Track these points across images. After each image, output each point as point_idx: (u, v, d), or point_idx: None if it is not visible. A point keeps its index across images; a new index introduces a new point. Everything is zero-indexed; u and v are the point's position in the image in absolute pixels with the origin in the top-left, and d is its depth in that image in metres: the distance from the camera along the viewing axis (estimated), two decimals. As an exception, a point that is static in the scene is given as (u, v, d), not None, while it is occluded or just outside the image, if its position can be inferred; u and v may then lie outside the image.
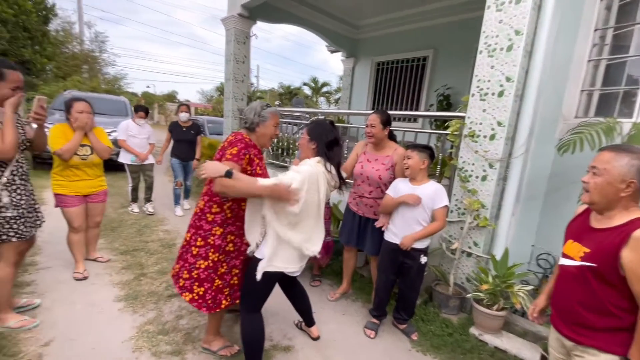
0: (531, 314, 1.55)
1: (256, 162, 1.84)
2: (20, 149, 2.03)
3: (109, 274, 2.92)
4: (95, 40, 21.59)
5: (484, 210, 2.52)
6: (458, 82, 5.79)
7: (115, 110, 7.97)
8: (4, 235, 1.97)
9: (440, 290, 2.62)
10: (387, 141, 2.56)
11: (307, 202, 1.66)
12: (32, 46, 13.45)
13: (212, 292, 1.84)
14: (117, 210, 4.73)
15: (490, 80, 2.45)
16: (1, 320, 2.07)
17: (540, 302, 1.54)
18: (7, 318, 2.08)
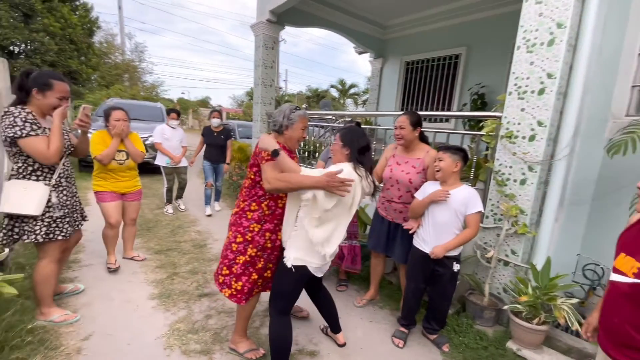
0: (585, 333, 1.41)
1: None
2: (65, 154, 2.18)
3: (144, 272, 3.06)
4: (135, 51, 22.99)
5: (523, 216, 2.35)
6: (493, 80, 5.52)
7: (152, 116, 8.41)
8: (52, 234, 2.10)
9: (474, 300, 2.48)
10: (418, 143, 2.46)
11: (340, 202, 1.69)
12: (78, 57, 14.54)
13: (249, 284, 1.93)
14: (153, 211, 4.96)
15: (529, 78, 2.29)
16: (45, 314, 2.21)
17: (593, 320, 1.39)
18: (50, 312, 2.22)
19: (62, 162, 2.15)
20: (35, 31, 12.52)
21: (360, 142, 1.80)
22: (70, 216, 2.25)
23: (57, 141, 1.99)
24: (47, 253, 2.16)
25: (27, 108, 1.99)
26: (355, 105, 27.81)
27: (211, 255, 3.53)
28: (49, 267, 2.18)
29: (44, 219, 2.06)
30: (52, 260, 2.18)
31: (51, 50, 12.99)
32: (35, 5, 12.23)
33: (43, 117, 2.08)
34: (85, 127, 2.22)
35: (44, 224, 2.06)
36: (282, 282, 1.83)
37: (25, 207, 1.98)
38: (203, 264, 3.31)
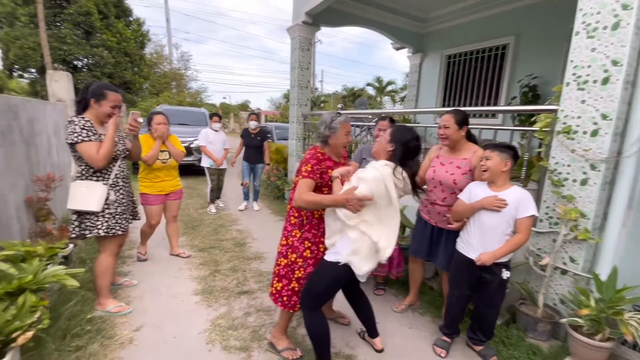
0: None
1: (329, 173, 1.94)
2: (120, 157, 2.39)
3: (189, 268, 3.22)
4: (181, 59, 24.47)
5: (583, 220, 2.12)
6: (547, 71, 5.07)
7: (197, 120, 8.89)
8: (112, 229, 2.32)
9: (526, 311, 2.28)
10: (465, 143, 2.29)
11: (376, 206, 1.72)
12: (132, 68, 15.82)
13: (287, 290, 1.98)
14: (198, 211, 5.23)
15: (590, 66, 2.05)
16: (102, 304, 2.41)
17: None
18: (107, 303, 2.42)
19: (117, 165, 2.36)
20: (95, 46, 13.84)
21: (409, 143, 1.79)
22: (127, 213, 2.46)
23: (106, 147, 2.18)
24: (107, 247, 2.38)
25: (86, 116, 2.22)
26: (392, 102, 27.15)
27: (250, 254, 3.63)
28: (107, 260, 2.39)
29: (104, 215, 2.27)
30: (110, 253, 2.41)
31: (109, 63, 14.27)
32: (95, 22, 13.51)
33: (101, 124, 2.30)
34: (135, 131, 2.40)
35: (104, 220, 2.28)
36: (319, 282, 1.84)
37: (88, 204, 2.20)
38: (243, 262, 3.41)
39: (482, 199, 1.97)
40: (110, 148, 2.20)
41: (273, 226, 4.70)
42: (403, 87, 26.03)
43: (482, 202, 1.96)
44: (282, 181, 6.11)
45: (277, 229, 4.52)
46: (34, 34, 12.56)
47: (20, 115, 3.02)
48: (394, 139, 1.80)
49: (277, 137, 9.72)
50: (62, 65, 13.01)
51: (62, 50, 13.06)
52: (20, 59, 13.02)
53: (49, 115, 3.95)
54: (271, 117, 29.17)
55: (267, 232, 4.38)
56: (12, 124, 2.84)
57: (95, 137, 2.18)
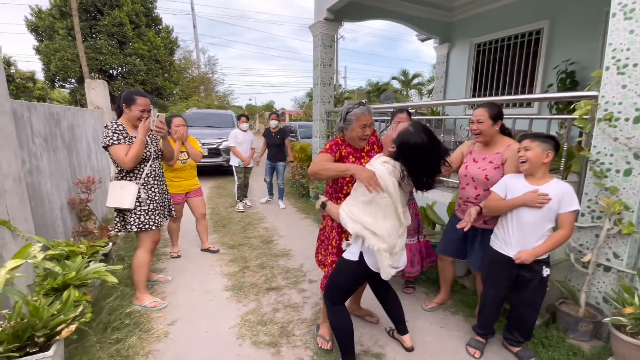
0: None
1: (351, 160, 1.95)
2: (151, 158, 2.54)
3: (220, 265, 3.34)
4: (208, 64, 25.28)
5: (627, 214, 1.96)
6: (585, 55, 4.73)
7: (224, 122, 9.17)
8: (146, 224, 2.47)
9: (566, 310, 2.15)
10: (499, 137, 2.17)
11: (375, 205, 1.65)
12: (162, 75, 16.51)
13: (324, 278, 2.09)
14: (227, 209, 5.40)
15: (630, 49, 1.88)
16: (139, 299, 2.57)
17: None
18: (144, 298, 2.57)
19: (149, 165, 2.51)
20: (128, 55, 14.59)
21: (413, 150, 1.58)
22: (161, 210, 2.61)
23: (135, 150, 2.33)
24: (142, 242, 2.54)
25: (120, 121, 2.39)
26: (419, 96, 26.43)
27: (277, 251, 3.70)
28: (143, 256, 2.55)
29: (136, 211, 2.44)
30: (145, 249, 2.56)
31: (141, 71, 14.99)
32: (128, 32, 14.24)
33: (134, 128, 2.45)
34: (161, 133, 2.54)
35: (136, 216, 2.44)
36: (340, 276, 1.85)
37: (122, 202, 2.38)
38: (270, 259, 3.48)
39: (523, 195, 1.84)
40: (138, 150, 2.34)
41: (298, 224, 4.75)
42: (430, 80, 25.25)
43: (524, 198, 1.83)
44: (307, 179, 6.16)
45: (302, 227, 4.58)
46: (72, 45, 13.42)
47: (61, 122, 3.26)
48: (397, 140, 1.63)
49: (301, 136, 9.81)
50: (99, 75, 13.86)
51: (98, 61, 13.90)
52: (61, 70, 13.99)
53: (88, 122, 4.23)
54: (295, 116, 29.43)
55: (293, 230, 4.44)
56: (55, 131, 3.08)
57: (126, 140, 2.34)
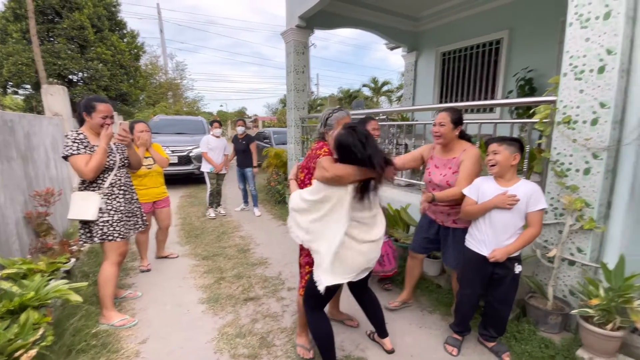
0: None
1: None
2: (117, 167, 2.42)
3: (193, 277, 3.20)
4: (177, 69, 24.56)
5: (588, 210, 2.10)
6: (542, 63, 5.08)
7: (195, 129, 8.91)
8: (110, 235, 2.35)
9: (536, 304, 2.26)
10: (457, 142, 2.26)
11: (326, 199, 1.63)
12: (127, 80, 15.81)
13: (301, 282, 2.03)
14: (200, 219, 5.20)
15: (586, 55, 2.05)
16: (106, 317, 2.39)
17: None
18: (111, 316, 2.40)
19: (112, 174, 2.39)
20: (90, 60, 13.84)
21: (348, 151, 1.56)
22: (127, 220, 2.47)
23: (96, 160, 2.22)
24: (107, 255, 2.41)
25: (82, 130, 2.28)
26: (389, 102, 27.20)
27: (254, 260, 3.60)
28: (109, 269, 2.41)
29: (98, 223, 2.31)
30: (112, 262, 2.42)
31: (104, 76, 14.26)
32: (89, 36, 13.52)
33: (97, 136, 2.32)
34: (125, 141, 2.46)
35: (99, 228, 2.32)
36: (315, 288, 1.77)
37: (85, 213, 2.26)
38: (247, 269, 3.38)
39: (493, 198, 1.93)
40: (100, 160, 2.23)
41: (275, 231, 4.67)
42: (399, 87, 26.08)
43: (494, 201, 1.92)
44: (283, 185, 6.10)
45: (279, 234, 4.51)
46: (28, 49, 12.56)
47: (16, 130, 3.01)
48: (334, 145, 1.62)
49: (275, 142, 9.73)
50: (58, 80, 13.03)
51: (56, 65, 13.07)
52: (14, 75, 12.99)
53: (46, 130, 3.94)
54: (268, 123, 29.22)
55: (270, 238, 4.36)
56: (9, 140, 2.84)
57: (87, 150, 2.23)
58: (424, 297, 2.84)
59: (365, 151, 1.54)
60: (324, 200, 1.61)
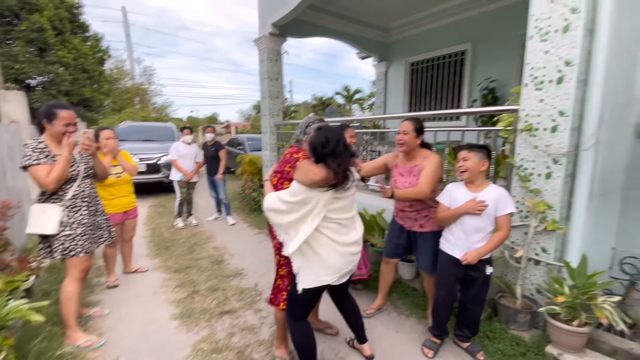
0: None
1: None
2: (81, 177, 2.28)
3: (164, 292, 3.04)
4: (144, 74, 23.70)
5: (551, 212, 2.24)
6: (503, 74, 5.40)
7: (165, 135, 8.59)
8: (72, 250, 2.20)
9: (506, 303, 2.36)
10: (419, 150, 2.36)
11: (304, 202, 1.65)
12: (91, 85, 14.98)
13: (274, 290, 2.00)
14: (169, 230, 4.99)
15: (545, 67, 2.20)
16: (71, 338, 2.23)
17: None
18: (76, 337, 2.24)
19: (75, 185, 2.25)
20: (50, 63, 13.00)
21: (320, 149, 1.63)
22: (91, 234, 2.33)
23: (57, 170, 2.08)
24: (69, 270, 2.25)
25: (42, 138, 2.14)
26: (361, 110, 27.77)
27: (229, 271, 3.50)
28: (70, 286, 2.25)
29: (59, 237, 2.16)
30: (73, 278, 2.26)
31: (66, 81, 13.43)
32: (49, 39, 12.73)
33: (60, 145, 2.18)
34: (89, 150, 2.32)
35: (60, 242, 2.17)
36: (297, 295, 1.78)
37: (44, 227, 2.11)
38: (222, 281, 3.27)
39: (464, 205, 2.01)
40: (62, 170, 2.10)
41: (250, 240, 4.57)
42: (370, 95, 26.72)
43: (465, 207, 2.00)
44: (258, 193, 6.01)
45: (254, 243, 4.42)
46: (-18, 53, 11.63)
47: (-35, 139, 2.76)
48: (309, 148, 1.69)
49: (249, 149, 9.59)
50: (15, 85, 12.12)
51: (13, 69, 12.15)
52: (-35, 80, 11.96)
53: (2, 138, 3.65)
54: (241, 129, 28.81)
55: (245, 247, 4.26)
56: (-42, 149, 2.59)
57: (48, 160, 2.10)
58: (400, 300, 2.88)
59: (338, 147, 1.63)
60: (304, 202, 1.63)
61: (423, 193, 2.16)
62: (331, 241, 1.69)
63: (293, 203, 1.64)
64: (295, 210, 1.64)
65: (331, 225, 1.69)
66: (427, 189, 2.17)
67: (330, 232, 1.69)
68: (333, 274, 1.73)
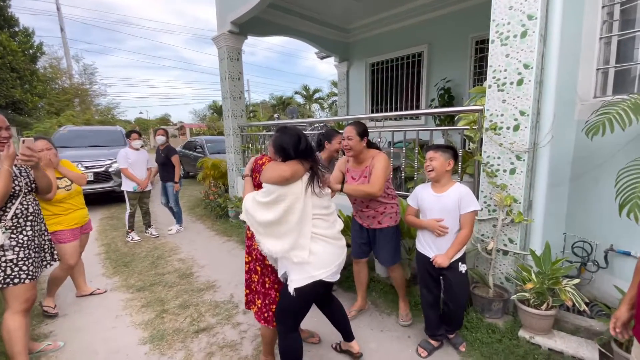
0: (613, 329, 1.36)
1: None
2: (23, 194, 2.00)
3: (129, 314, 2.78)
4: (85, 73, 21.67)
5: (516, 205, 2.39)
6: (457, 74, 5.71)
7: (113, 140, 7.91)
8: (15, 277, 1.92)
9: (479, 293, 2.48)
10: (366, 151, 2.41)
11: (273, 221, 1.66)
12: (21, 86, 13.38)
13: (264, 306, 1.88)
14: (127, 244, 4.59)
15: (506, 70, 2.34)
16: None
17: (622, 314, 1.33)
18: None
19: (17, 202, 1.96)
20: (-33, 61, 11.41)
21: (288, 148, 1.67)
22: (36, 257, 2.06)
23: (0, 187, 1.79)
24: (11, 302, 1.96)
25: None
26: (322, 109, 27.96)
27: (200, 285, 3.29)
28: (14, 321, 1.97)
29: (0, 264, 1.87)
30: (16, 310, 1.97)
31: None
32: (-34, 33, 11.15)
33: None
34: (31, 161, 2.01)
35: (0, 269, 1.87)
36: (288, 300, 1.72)
37: None
38: (193, 296, 3.07)
39: (425, 221, 2.10)
40: (4, 186, 1.81)
41: (220, 248, 4.36)
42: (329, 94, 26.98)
43: (425, 224, 2.11)
44: (224, 198, 5.76)
45: (224, 251, 4.22)
46: None
47: None
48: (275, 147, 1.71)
49: (209, 151, 9.18)
50: None
51: None
52: None
53: None
54: (197, 130, 27.55)
55: (215, 256, 4.05)
56: None
57: None
58: (380, 299, 2.92)
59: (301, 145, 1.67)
60: (279, 200, 1.62)
61: (374, 192, 2.22)
62: (321, 236, 1.71)
63: (267, 203, 1.63)
64: (273, 210, 1.62)
65: (316, 222, 1.71)
66: (378, 188, 2.23)
67: (316, 228, 1.70)
68: (325, 267, 1.71)
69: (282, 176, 1.61)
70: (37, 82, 14.52)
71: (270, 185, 1.63)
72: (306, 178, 1.69)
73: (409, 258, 2.98)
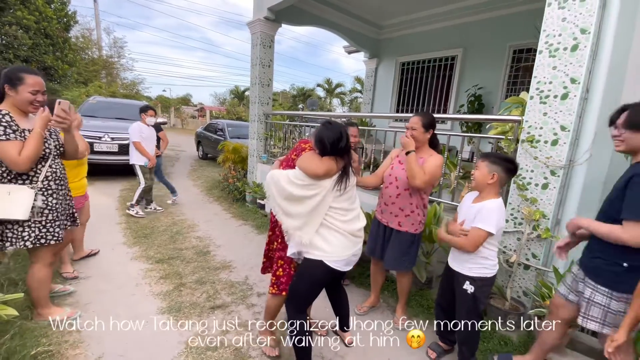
0: (607, 349, 1.35)
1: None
2: (52, 156, 2.07)
3: (148, 283, 2.88)
4: (114, 46, 22.09)
5: (545, 221, 2.35)
6: (489, 82, 5.60)
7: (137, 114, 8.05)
8: (43, 238, 2.02)
9: (495, 305, 2.47)
10: (426, 148, 2.36)
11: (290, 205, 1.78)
12: (53, 52, 13.70)
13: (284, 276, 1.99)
14: (148, 216, 4.72)
15: (552, 82, 2.29)
16: (44, 315, 2.16)
17: (619, 337, 1.32)
18: (49, 313, 2.19)
19: (47, 165, 2.03)
20: (7, 24, 11.72)
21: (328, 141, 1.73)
22: (62, 220, 2.17)
23: (30, 148, 1.86)
24: (39, 257, 2.09)
25: (4, 109, 1.85)
26: (342, 104, 27.82)
27: (216, 264, 3.38)
28: (42, 272, 2.11)
29: (30, 224, 1.96)
30: (44, 264, 2.11)
31: (25, 45, 12.18)
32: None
33: (24, 116, 1.95)
34: (65, 124, 1.99)
35: (31, 230, 1.97)
36: (302, 283, 1.85)
37: (12, 212, 1.87)
38: (210, 273, 3.15)
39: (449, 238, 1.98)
40: (36, 148, 1.88)
41: (237, 231, 4.45)
42: (351, 90, 26.78)
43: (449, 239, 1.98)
44: (242, 182, 5.84)
45: (240, 235, 4.30)
46: None
47: None
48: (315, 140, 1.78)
49: (230, 135, 9.27)
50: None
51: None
52: None
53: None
54: (217, 113, 27.82)
55: (231, 238, 4.13)
56: None
57: (17, 135, 1.84)
58: (392, 298, 2.94)
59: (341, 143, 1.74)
60: (310, 187, 1.71)
61: (419, 177, 2.17)
62: (334, 226, 1.77)
63: (301, 185, 1.71)
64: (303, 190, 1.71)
65: (334, 214, 1.77)
66: (424, 180, 2.18)
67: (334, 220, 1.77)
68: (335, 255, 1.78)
69: (315, 172, 1.69)
70: (69, 50, 14.88)
71: (301, 172, 1.72)
72: (336, 176, 1.76)
73: (427, 262, 2.98)
